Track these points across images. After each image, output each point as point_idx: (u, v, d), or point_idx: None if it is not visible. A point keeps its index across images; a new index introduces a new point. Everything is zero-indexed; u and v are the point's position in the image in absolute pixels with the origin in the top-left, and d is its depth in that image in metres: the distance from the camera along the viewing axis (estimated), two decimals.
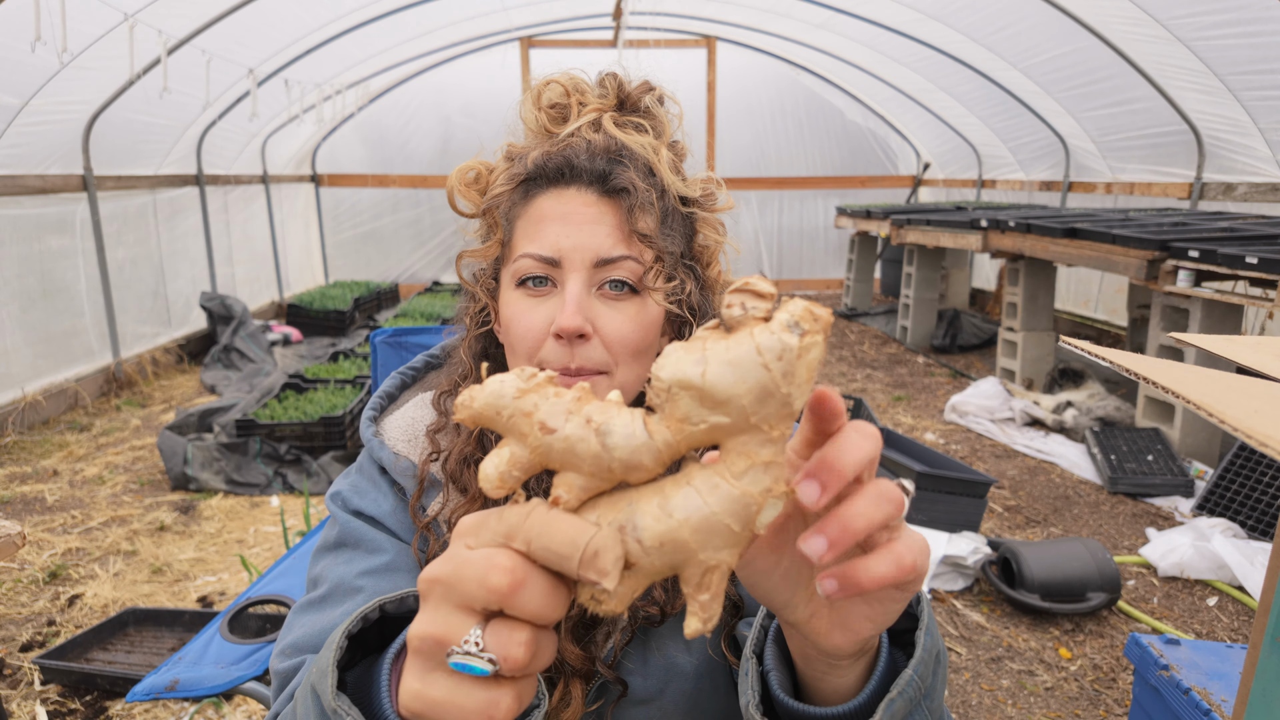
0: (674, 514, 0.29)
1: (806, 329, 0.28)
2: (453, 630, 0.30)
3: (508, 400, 0.30)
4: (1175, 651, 1.14)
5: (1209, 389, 0.43)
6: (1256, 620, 0.42)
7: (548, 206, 0.62)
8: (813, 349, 0.28)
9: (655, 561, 0.30)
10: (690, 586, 0.30)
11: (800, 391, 0.28)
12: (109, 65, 3.52)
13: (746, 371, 0.28)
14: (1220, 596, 2.20)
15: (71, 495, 2.93)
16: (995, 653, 1.98)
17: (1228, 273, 2.75)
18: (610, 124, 0.64)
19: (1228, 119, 3.69)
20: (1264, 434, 0.39)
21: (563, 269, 0.60)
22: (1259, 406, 0.41)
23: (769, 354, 0.27)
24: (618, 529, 0.30)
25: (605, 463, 0.29)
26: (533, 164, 0.63)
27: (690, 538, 0.29)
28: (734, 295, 0.29)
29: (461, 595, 0.30)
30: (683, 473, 0.31)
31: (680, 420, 0.29)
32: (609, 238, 0.60)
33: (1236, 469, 2.59)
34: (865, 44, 5.66)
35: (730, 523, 0.29)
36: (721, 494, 0.29)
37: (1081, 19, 3.81)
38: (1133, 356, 0.49)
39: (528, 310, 0.61)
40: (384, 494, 0.66)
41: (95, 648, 1.91)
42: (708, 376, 0.28)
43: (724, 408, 0.28)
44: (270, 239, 6.24)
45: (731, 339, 0.29)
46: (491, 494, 0.31)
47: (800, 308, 0.28)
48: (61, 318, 3.83)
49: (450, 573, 0.31)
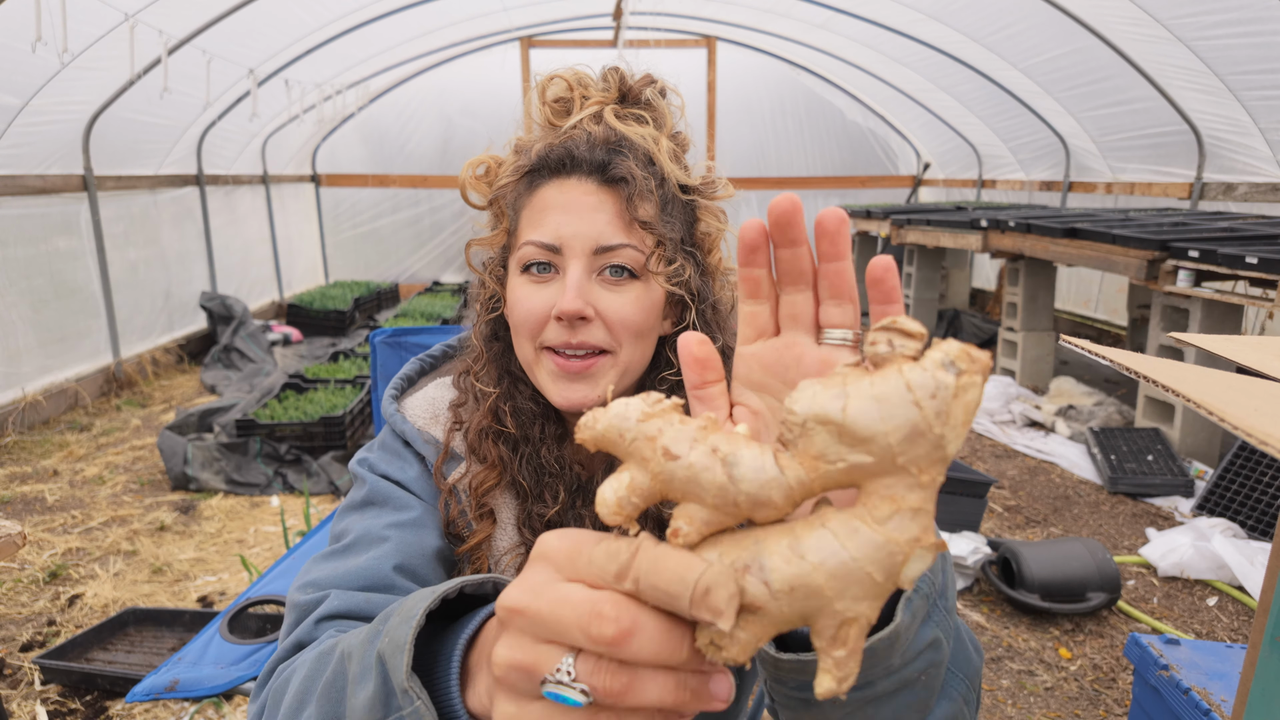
0: (807, 556, 0.27)
1: (963, 369, 0.26)
2: (542, 662, 0.29)
3: (631, 424, 0.29)
4: (1175, 651, 1.13)
5: (1209, 388, 0.43)
6: (1256, 620, 0.42)
7: (550, 196, 0.64)
8: (970, 390, 0.26)
9: (784, 608, 0.27)
10: (823, 640, 0.28)
11: (954, 435, 0.26)
12: (109, 65, 3.51)
13: (895, 408, 0.26)
14: (1220, 596, 2.19)
15: (72, 495, 2.93)
16: (995, 653, 1.98)
17: (1228, 273, 2.74)
18: (611, 116, 0.66)
19: (1228, 119, 3.69)
20: (1264, 432, 0.38)
21: (564, 255, 0.63)
22: (1259, 405, 0.41)
23: (921, 391, 0.26)
24: (740, 568, 0.28)
25: (731, 495, 0.28)
26: (535, 156, 0.65)
27: (825, 584, 0.27)
28: (880, 333, 0.28)
29: (555, 633, 0.29)
30: (816, 515, 0.28)
31: (815, 457, 0.27)
32: (609, 225, 0.62)
33: (1236, 469, 2.58)
34: (865, 44, 5.66)
35: (872, 571, 0.27)
36: (862, 540, 0.27)
37: (1081, 19, 3.80)
38: (1133, 355, 0.50)
39: (531, 294, 0.64)
40: (408, 463, 0.69)
41: (95, 648, 1.91)
42: (849, 411, 0.26)
43: (866, 446, 0.26)
44: (270, 239, 6.24)
45: (877, 375, 0.27)
46: (609, 521, 0.30)
47: (956, 348, 0.26)
48: (62, 318, 3.83)
49: (543, 610, 0.29)
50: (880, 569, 0.27)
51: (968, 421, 0.26)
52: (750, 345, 0.38)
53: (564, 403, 0.64)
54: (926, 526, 0.27)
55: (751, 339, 0.37)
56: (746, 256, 0.35)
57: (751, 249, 0.35)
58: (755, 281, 0.36)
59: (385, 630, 0.41)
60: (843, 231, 0.34)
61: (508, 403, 0.69)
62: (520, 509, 0.69)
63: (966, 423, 0.26)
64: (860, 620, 0.27)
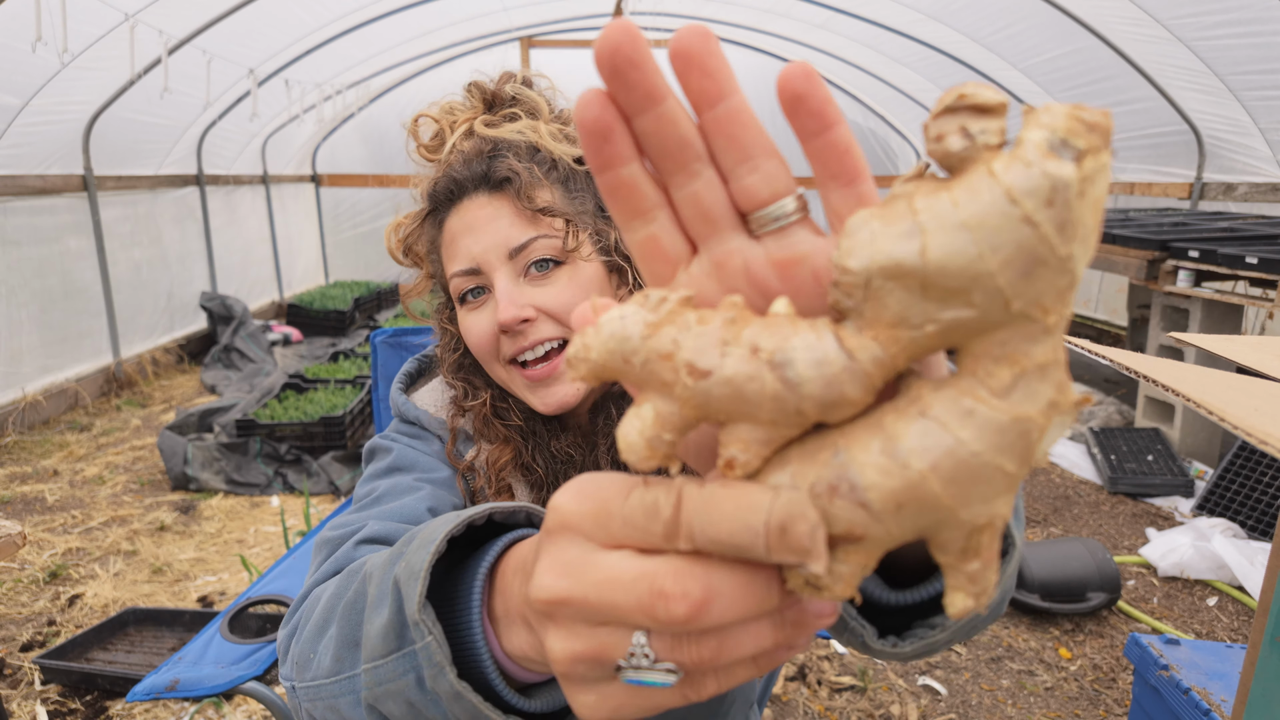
0: (912, 461, 0.20)
1: (1083, 147, 0.18)
2: (611, 647, 0.24)
3: (635, 342, 0.22)
4: (1175, 651, 1.13)
5: (1209, 387, 0.43)
6: (1256, 620, 0.42)
7: (453, 225, 0.65)
8: (1098, 176, 0.18)
9: (892, 529, 0.21)
10: (950, 555, 0.22)
11: (1085, 249, 0.19)
12: (109, 65, 3.51)
13: (998, 233, 0.18)
14: (1220, 596, 2.19)
15: (72, 495, 2.93)
16: (995, 652, 1.98)
17: (1228, 273, 2.74)
18: (481, 127, 0.67)
19: (1228, 119, 3.69)
20: (1264, 432, 0.38)
21: (486, 273, 0.64)
22: (1259, 405, 0.40)
23: (1031, 198, 0.18)
24: (824, 490, 0.21)
25: (792, 405, 0.21)
26: (426, 196, 0.67)
27: (944, 492, 0.20)
28: (944, 120, 0.19)
29: (612, 619, 0.23)
30: (907, 396, 0.21)
31: (892, 325, 0.20)
32: (512, 226, 0.63)
33: (1236, 469, 2.58)
34: (865, 44, 5.66)
35: (1002, 462, 0.20)
36: (983, 423, 0.20)
37: (1081, 19, 3.80)
38: (1133, 355, 0.49)
39: (475, 321, 0.65)
40: (428, 441, 0.70)
41: (95, 648, 1.91)
42: (932, 252, 0.19)
43: (964, 297, 0.19)
44: (270, 239, 6.23)
45: (958, 187, 0.19)
46: (640, 467, 0.23)
47: (1061, 116, 0.18)
48: (62, 318, 3.83)
49: (590, 597, 0.23)
50: (1013, 456, 0.20)
51: (1099, 222, 0.19)
52: None
53: (547, 408, 0.65)
54: (1061, 383, 0.20)
55: (666, 277, 0.26)
56: (597, 151, 0.23)
57: (600, 136, 0.23)
58: (628, 187, 0.24)
59: (405, 554, 0.37)
60: (712, 50, 0.22)
61: (504, 401, 0.70)
62: (536, 498, 0.69)
63: (1098, 225, 0.19)
64: (995, 524, 0.21)
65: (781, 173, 0.24)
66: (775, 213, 0.24)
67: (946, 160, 0.20)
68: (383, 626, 0.37)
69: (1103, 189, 0.19)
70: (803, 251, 0.24)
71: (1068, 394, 0.20)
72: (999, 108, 0.19)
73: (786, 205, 0.24)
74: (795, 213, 0.24)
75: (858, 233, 0.20)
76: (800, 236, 0.24)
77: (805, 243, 0.24)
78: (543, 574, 0.25)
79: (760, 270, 0.24)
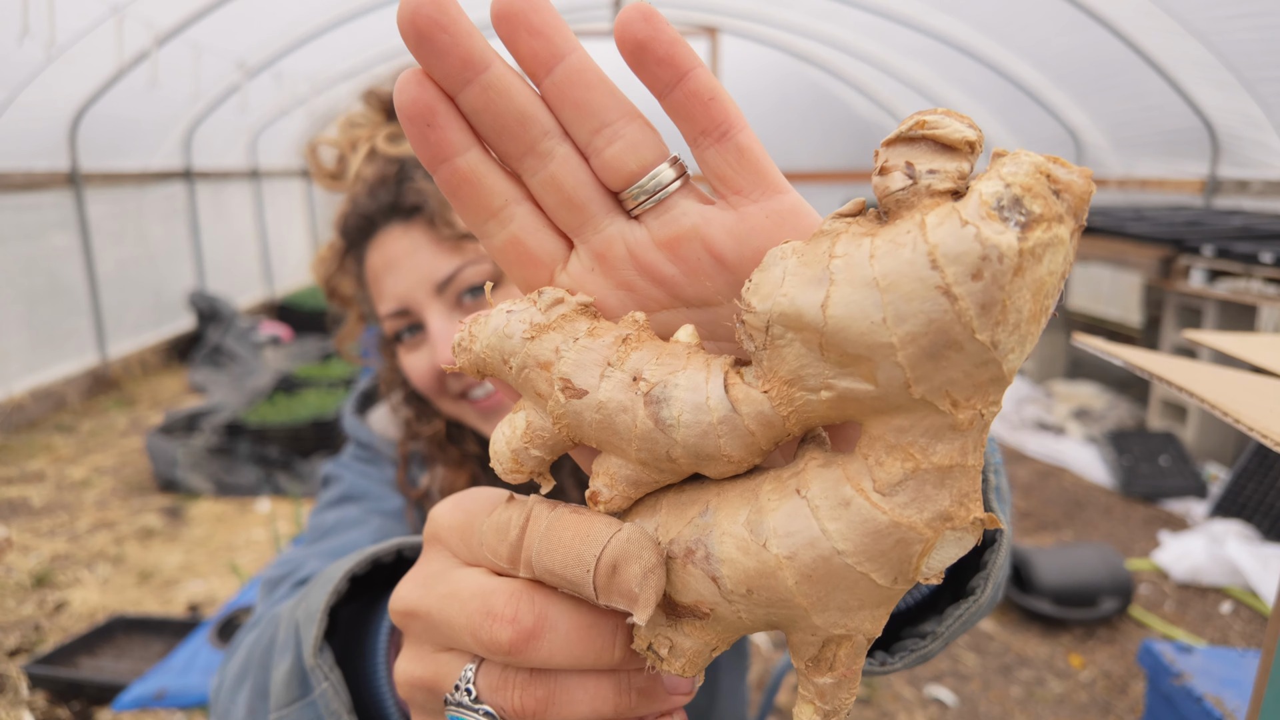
0: (769, 544, 0.18)
1: (1037, 213, 0.15)
2: (442, 674, 0.23)
3: (515, 343, 0.20)
4: (1188, 659, 1.10)
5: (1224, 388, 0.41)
6: (1270, 626, 0.39)
7: (374, 262, 0.60)
8: (1046, 255, 0.15)
9: (743, 613, 0.19)
10: (802, 660, 0.19)
11: (1017, 338, 0.15)
12: (96, 59, 3.44)
13: (908, 299, 0.15)
14: (1234, 602, 2.15)
15: (58, 498, 2.88)
16: (1005, 660, 1.95)
17: (1242, 271, 2.68)
18: (384, 144, 0.60)
19: (1242, 114, 3.62)
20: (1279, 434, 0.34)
21: (416, 312, 0.59)
22: (1275, 406, 0.38)
23: (954, 266, 0.15)
24: (682, 552, 0.19)
25: (662, 447, 0.19)
26: (339, 232, 0.61)
27: (796, 589, 0.18)
28: (896, 150, 0.16)
29: (448, 639, 0.22)
30: (794, 466, 0.19)
31: (787, 381, 0.18)
32: (433, 258, 0.57)
33: (1251, 472, 2.53)
34: (872, 35, 5.58)
35: (870, 570, 0.17)
36: (855, 519, 0.17)
37: (1093, 10, 3.73)
38: (1146, 355, 0.46)
39: (414, 362, 0.60)
40: (382, 468, 0.67)
41: (83, 654, 1.89)
42: (832, 309, 0.16)
43: (860, 366, 0.16)
44: (260, 235, 6.17)
45: (883, 235, 0.16)
46: (507, 479, 0.22)
47: (1026, 168, 0.15)
48: (48, 317, 3.77)
49: (432, 609, 0.22)
50: (884, 567, 0.17)
51: (1044, 310, 0.15)
52: None
53: None
54: (964, 495, 0.17)
55: (543, 284, 0.22)
56: (422, 140, 0.20)
57: (422, 121, 0.19)
58: (469, 183, 0.20)
59: (308, 594, 0.34)
60: (537, 4, 0.19)
61: (459, 428, 0.66)
62: None
63: (1041, 314, 0.15)
64: (855, 639, 0.19)
65: (647, 137, 0.20)
66: (649, 185, 0.20)
67: (885, 198, 0.17)
68: (285, 674, 0.34)
69: (1051, 267, 0.15)
70: (690, 225, 0.20)
71: (969, 509, 0.17)
72: (962, 146, 0.16)
73: (662, 174, 0.20)
74: (673, 181, 0.21)
75: (771, 268, 0.18)
76: (684, 208, 0.21)
77: (691, 214, 0.20)
78: (403, 583, 0.24)
79: (647, 255, 0.21)
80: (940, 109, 0.17)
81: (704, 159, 0.20)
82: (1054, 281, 0.15)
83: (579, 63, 0.19)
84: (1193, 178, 4.18)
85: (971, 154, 0.16)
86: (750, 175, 0.20)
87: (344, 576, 0.32)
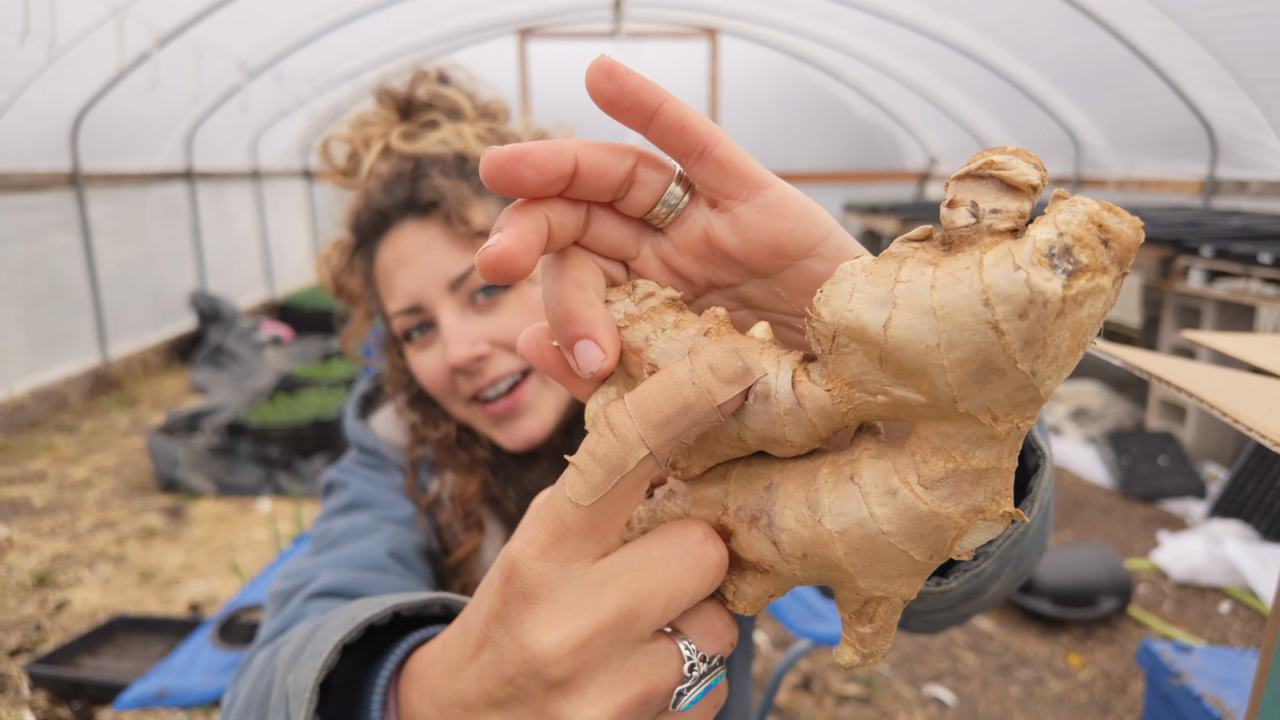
0: (824, 520, 0.21)
1: (1084, 263, 0.16)
2: (656, 670, 0.22)
3: None
4: (1187, 658, 1.10)
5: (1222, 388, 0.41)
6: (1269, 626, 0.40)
7: (385, 259, 0.59)
8: (1088, 301, 0.16)
9: (798, 572, 0.22)
10: (848, 612, 0.23)
11: (1054, 369, 0.17)
12: (98, 59, 3.44)
13: (961, 329, 0.17)
14: (1233, 602, 2.15)
15: (59, 498, 2.88)
16: (1004, 660, 1.95)
17: (1241, 271, 2.69)
18: (398, 142, 0.60)
19: (1241, 114, 3.62)
20: (1278, 434, 0.35)
21: (428, 309, 0.58)
22: (1273, 406, 0.39)
23: (1003, 305, 0.17)
24: (747, 518, 0.22)
25: (732, 430, 0.21)
26: (350, 228, 0.61)
27: (845, 558, 0.20)
28: (964, 186, 0.18)
29: (660, 615, 0.22)
30: (850, 453, 0.21)
31: (848, 384, 0.20)
32: (447, 255, 0.57)
33: (1250, 472, 2.54)
34: (872, 36, 5.58)
35: (910, 549, 0.20)
36: (900, 508, 0.20)
37: (1092, 11, 3.73)
38: (1145, 355, 0.47)
39: (425, 361, 0.60)
40: (389, 473, 0.65)
41: (84, 654, 1.89)
42: (893, 330, 0.18)
43: (914, 380, 0.18)
44: (261, 236, 6.17)
45: (945, 268, 0.18)
46: None
47: (1081, 217, 0.16)
48: (49, 317, 3.77)
49: (623, 601, 0.21)
50: (923, 547, 0.20)
51: (1082, 345, 0.17)
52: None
53: (514, 445, 0.60)
54: (997, 491, 0.19)
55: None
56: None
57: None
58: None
59: (300, 659, 0.33)
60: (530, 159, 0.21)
61: (468, 432, 0.65)
62: (509, 534, 0.64)
63: (1079, 349, 0.17)
64: (892, 600, 0.22)
65: (651, 170, 0.24)
66: (663, 208, 0.24)
67: (951, 231, 0.18)
68: None
69: (1092, 311, 0.17)
70: (700, 231, 0.24)
71: (1000, 503, 0.20)
72: (1026, 188, 0.17)
73: (670, 195, 0.24)
74: (683, 197, 0.24)
75: (841, 283, 0.20)
76: (695, 217, 0.24)
77: (700, 221, 0.24)
78: (544, 632, 0.21)
79: (674, 261, 0.25)
80: (1010, 148, 0.18)
81: (693, 174, 0.23)
82: (1093, 323, 0.17)
83: (592, 157, 0.23)
84: (1191, 178, 4.18)
85: (1034, 194, 0.18)
86: (734, 181, 0.23)
87: (334, 648, 0.31)
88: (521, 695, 0.23)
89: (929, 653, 1.99)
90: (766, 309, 0.25)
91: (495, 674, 0.23)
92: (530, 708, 0.23)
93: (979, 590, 0.35)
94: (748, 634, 0.71)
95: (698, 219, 0.24)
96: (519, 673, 0.22)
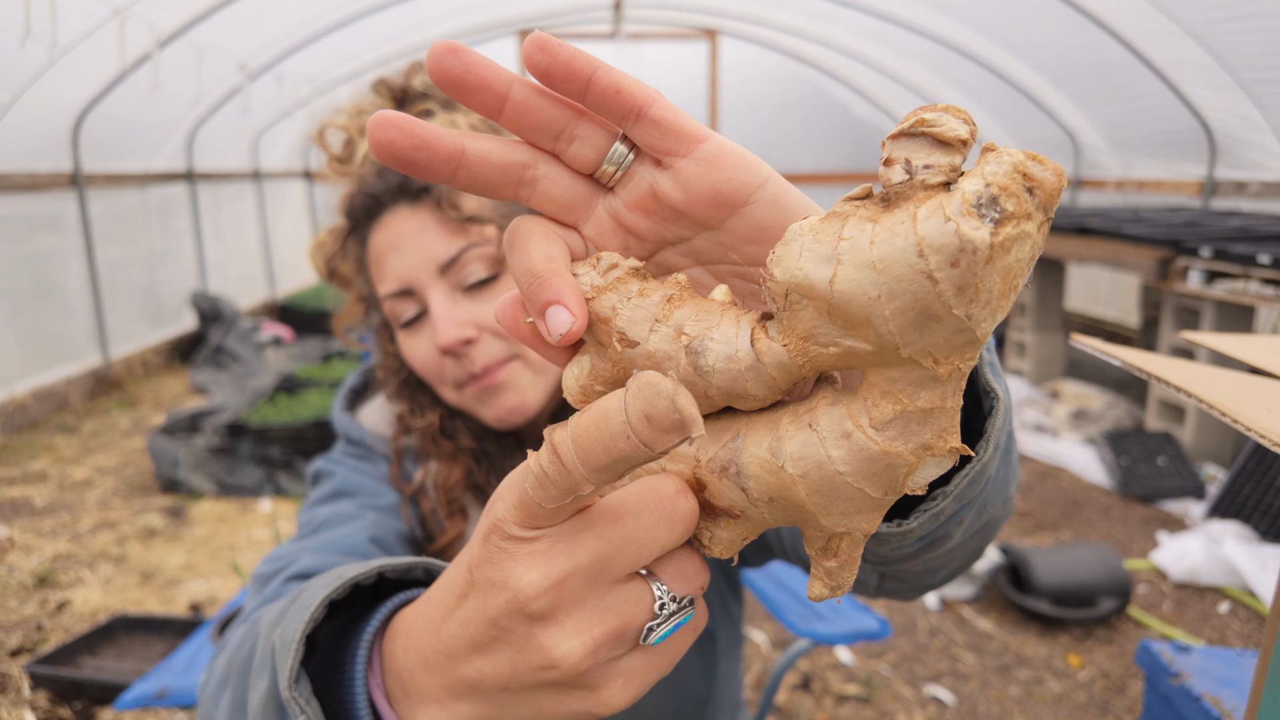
0: (786, 465, 0.22)
1: (1010, 211, 0.17)
2: (630, 607, 0.24)
3: None
4: (1186, 658, 1.10)
5: (1221, 389, 0.41)
6: (1268, 626, 0.40)
7: (376, 243, 0.60)
8: (1014, 246, 0.17)
9: (766, 515, 0.24)
10: (814, 549, 0.24)
11: (988, 311, 0.18)
12: (98, 60, 3.45)
13: (899, 280, 0.18)
14: (1232, 602, 2.16)
15: (60, 498, 2.88)
16: (1003, 660, 1.95)
17: (1240, 272, 2.69)
18: None
19: (1240, 115, 3.63)
20: (1277, 434, 0.35)
21: (419, 293, 0.59)
22: (1272, 406, 0.39)
23: (936, 255, 0.18)
24: (717, 469, 0.23)
25: (700, 389, 0.23)
26: (343, 213, 0.62)
27: (807, 499, 0.22)
28: (898, 144, 0.19)
29: (633, 558, 0.23)
30: (809, 402, 0.23)
31: (802, 338, 0.21)
32: (439, 240, 0.58)
33: (1249, 472, 2.54)
34: (872, 37, 5.59)
35: (865, 486, 0.21)
36: (854, 448, 0.21)
37: (1092, 13, 3.74)
38: (1144, 356, 0.47)
39: (416, 345, 0.61)
40: (375, 463, 0.66)
41: (84, 654, 1.89)
42: (838, 285, 0.19)
43: (860, 330, 0.20)
44: (263, 237, 6.17)
45: (883, 223, 0.19)
46: (575, 405, 0.26)
47: (1006, 167, 0.18)
48: (50, 317, 3.77)
49: (601, 548, 0.23)
50: (877, 484, 0.21)
51: (1013, 288, 0.18)
52: None
53: (499, 421, 0.60)
54: (943, 429, 0.21)
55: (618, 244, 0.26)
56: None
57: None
58: None
59: (287, 615, 0.34)
60: (469, 65, 0.23)
61: (453, 421, 0.66)
62: None
63: (1010, 291, 0.18)
64: (853, 534, 0.23)
65: (594, 128, 0.25)
66: (610, 167, 0.25)
67: (888, 188, 0.19)
68: (262, 698, 0.33)
69: (1020, 256, 0.18)
70: (647, 187, 0.25)
71: (947, 439, 0.21)
72: (956, 144, 0.18)
73: (616, 152, 0.25)
74: (628, 154, 0.25)
75: (790, 243, 0.21)
76: (641, 174, 0.25)
77: (646, 178, 0.25)
78: (523, 573, 0.23)
79: (626, 218, 0.26)
80: (940, 105, 0.19)
81: (634, 137, 0.24)
82: (1021, 267, 0.18)
83: (520, 95, 0.23)
84: (1190, 179, 4.19)
85: (965, 149, 0.19)
86: (673, 137, 0.24)
87: (321, 603, 0.32)
88: (505, 635, 0.24)
89: (928, 653, 2.00)
90: (718, 261, 0.26)
91: (479, 617, 0.25)
92: (513, 646, 0.24)
93: (942, 534, 0.34)
94: (736, 621, 0.71)
95: (644, 176, 0.25)
96: (502, 612, 0.24)
